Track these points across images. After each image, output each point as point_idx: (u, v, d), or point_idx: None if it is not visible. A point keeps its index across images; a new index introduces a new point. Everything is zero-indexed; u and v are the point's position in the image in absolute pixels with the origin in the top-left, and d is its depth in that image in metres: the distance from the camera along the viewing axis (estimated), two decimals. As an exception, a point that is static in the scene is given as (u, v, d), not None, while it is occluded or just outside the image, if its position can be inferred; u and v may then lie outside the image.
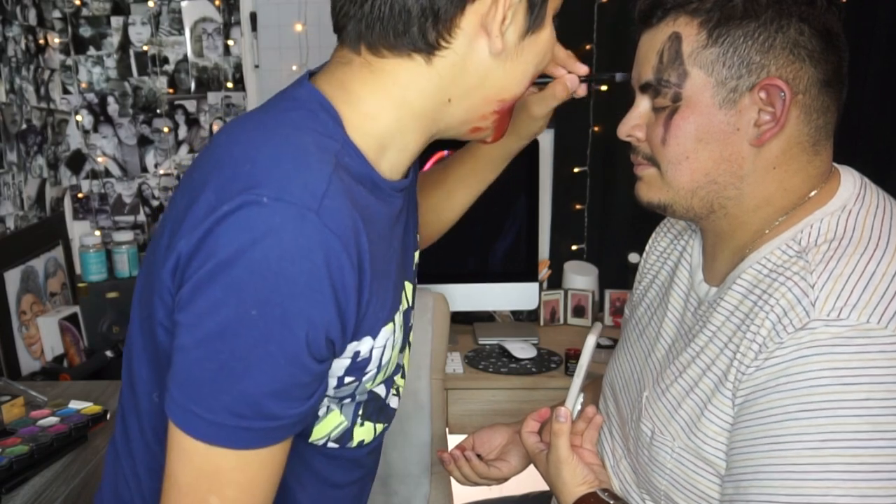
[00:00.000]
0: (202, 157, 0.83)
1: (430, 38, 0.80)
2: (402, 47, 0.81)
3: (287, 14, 2.28)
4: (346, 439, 0.93)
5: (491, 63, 0.83)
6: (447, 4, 0.79)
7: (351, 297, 0.76)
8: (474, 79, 0.84)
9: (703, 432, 0.89)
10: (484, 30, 0.81)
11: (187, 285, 0.73)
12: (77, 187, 2.34)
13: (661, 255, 1.15)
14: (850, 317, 0.78)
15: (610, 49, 2.26)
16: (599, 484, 1.04)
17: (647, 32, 0.93)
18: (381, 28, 0.80)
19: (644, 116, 0.95)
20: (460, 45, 0.81)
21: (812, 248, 0.86)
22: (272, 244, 0.70)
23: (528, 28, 0.84)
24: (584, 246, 2.45)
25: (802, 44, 0.85)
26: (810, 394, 0.79)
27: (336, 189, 0.75)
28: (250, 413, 0.74)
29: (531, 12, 0.83)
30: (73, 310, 2.08)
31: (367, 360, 0.85)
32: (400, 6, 0.78)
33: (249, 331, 0.72)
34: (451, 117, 0.87)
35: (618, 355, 1.16)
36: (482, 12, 0.80)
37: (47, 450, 1.33)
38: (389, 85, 0.83)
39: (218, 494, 0.77)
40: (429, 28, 0.79)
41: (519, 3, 0.81)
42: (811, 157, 0.90)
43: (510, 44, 0.83)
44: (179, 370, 0.75)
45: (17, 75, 2.03)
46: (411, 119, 0.84)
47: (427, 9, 0.78)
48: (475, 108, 0.87)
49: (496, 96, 0.87)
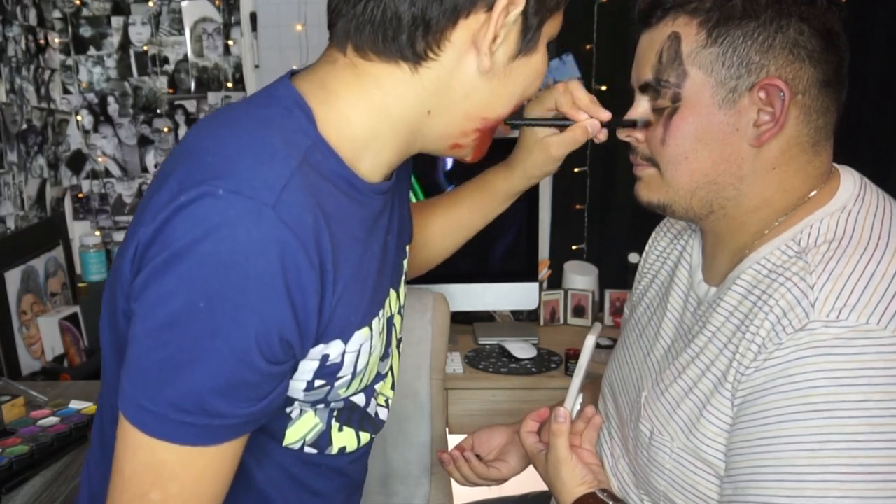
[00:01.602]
0: (176, 147, 0.83)
1: (419, 48, 0.79)
2: (389, 53, 0.80)
3: (287, 14, 2.28)
4: (324, 444, 0.92)
5: (477, 80, 0.82)
6: (440, 16, 0.78)
7: (310, 297, 0.75)
8: (458, 94, 0.83)
9: (702, 433, 0.89)
10: (474, 46, 0.80)
11: (142, 273, 0.72)
12: (77, 187, 2.34)
13: (661, 255, 1.15)
14: (850, 318, 0.78)
15: (610, 49, 2.26)
16: (598, 484, 1.03)
17: (646, 32, 0.93)
18: (370, 31, 0.79)
19: (642, 117, 0.94)
20: (448, 58, 0.80)
21: (812, 248, 0.86)
22: (225, 237, 0.69)
23: (520, 50, 0.83)
24: (584, 246, 2.45)
25: (802, 44, 0.85)
26: (809, 395, 0.78)
27: (297, 185, 0.74)
28: (193, 408, 0.72)
29: (524, 35, 0.82)
30: (74, 310, 2.08)
31: (338, 364, 0.84)
32: (392, 12, 0.77)
33: (197, 323, 0.70)
34: (430, 130, 0.85)
35: (617, 355, 1.16)
36: (474, 28, 0.79)
37: (47, 450, 1.33)
38: (371, 88, 0.82)
39: (160, 489, 0.75)
40: (418, 38, 0.79)
41: (513, 24, 0.80)
42: (811, 158, 0.90)
43: (499, 63, 0.82)
44: (130, 360, 0.74)
45: (18, 75, 2.03)
46: (388, 126, 0.83)
47: (419, 18, 0.77)
48: (455, 124, 0.86)
49: (479, 114, 0.85)
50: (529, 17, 0.81)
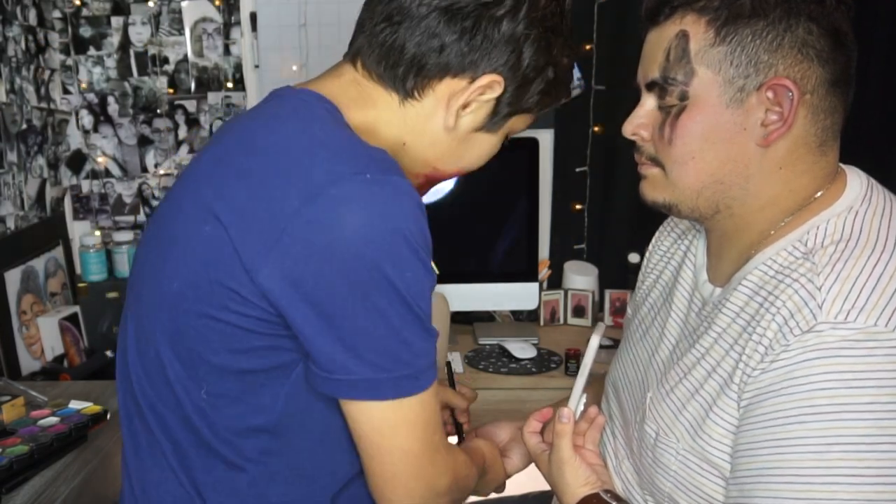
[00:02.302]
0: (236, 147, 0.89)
1: (408, 85, 0.91)
2: (386, 80, 0.92)
3: (287, 14, 2.27)
4: None
5: (441, 134, 0.94)
6: (433, 66, 0.90)
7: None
8: (426, 139, 0.94)
9: (707, 434, 0.89)
10: (447, 103, 0.92)
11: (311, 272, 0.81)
12: (77, 187, 2.34)
13: (665, 255, 1.15)
14: (858, 320, 0.78)
15: (610, 49, 2.26)
16: (602, 485, 1.03)
17: (653, 30, 0.93)
18: (378, 53, 0.91)
19: (650, 115, 0.94)
20: (428, 104, 0.92)
21: (819, 249, 0.85)
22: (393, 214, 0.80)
23: (482, 127, 0.95)
24: (584, 246, 2.44)
25: (811, 43, 0.85)
26: (816, 397, 0.78)
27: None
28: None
29: (492, 117, 0.94)
30: (74, 310, 2.08)
31: None
32: (400, 43, 0.89)
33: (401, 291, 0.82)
34: (398, 159, 0.92)
35: (620, 355, 1.16)
36: (454, 89, 0.91)
37: (47, 450, 1.32)
38: (369, 106, 0.93)
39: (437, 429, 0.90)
40: (410, 76, 0.90)
41: (485, 102, 0.92)
42: (818, 158, 0.89)
43: (461, 128, 0.94)
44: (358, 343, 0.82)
45: (18, 75, 2.02)
46: (375, 143, 0.89)
47: (417, 59, 0.89)
48: (417, 163, 0.96)
49: (433, 163, 0.97)
50: (502, 104, 0.93)
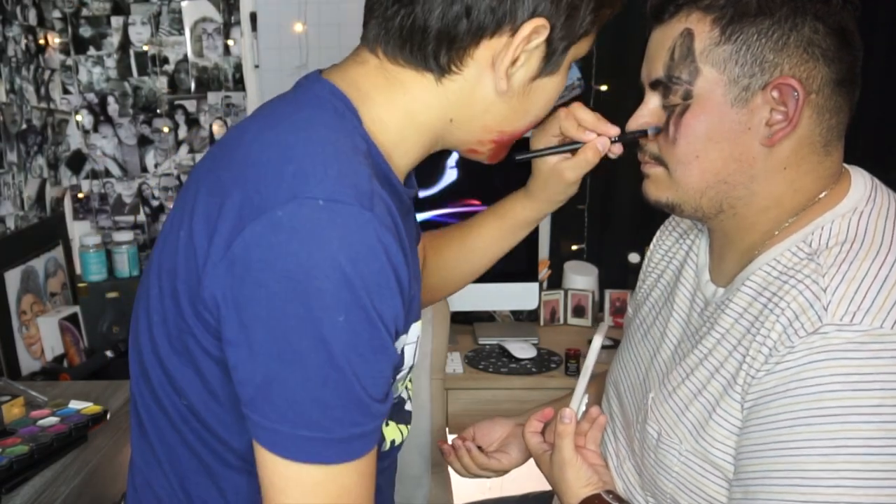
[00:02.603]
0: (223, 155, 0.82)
1: (442, 62, 0.81)
2: (416, 62, 0.82)
3: (287, 14, 2.27)
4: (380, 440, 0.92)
5: (495, 98, 0.84)
6: (464, 34, 0.79)
7: (405, 290, 0.76)
8: (478, 108, 0.85)
9: (711, 436, 0.89)
10: (492, 67, 0.82)
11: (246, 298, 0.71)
12: (77, 187, 2.33)
13: (667, 254, 1.14)
14: (864, 321, 0.77)
15: (610, 49, 2.25)
16: (604, 485, 1.03)
17: (658, 28, 0.92)
18: (399, 38, 0.81)
19: (653, 114, 0.93)
20: (470, 73, 0.82)
21: (823, 250, 0.85)
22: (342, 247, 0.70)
23: (541, 72, 0.84)
24: (584, 246, 2.44)
25: (817, 42, 0.84)
26: (821, 399, 0.78)
27: (377, 188, 0.76)
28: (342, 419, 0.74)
29: (548, 59, 0.84)
30: (73, 310, 2.07)
31: (401, 357, 0.84)
32: (421, 23, 0.79)
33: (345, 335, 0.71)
34: (451, 135, 0.88)
35: (621, 355, 1.16)
36: (496, 49, 0.81)
37: (47, 450, 1.32)
38: (399, 93, 0.83)
39: None
40: (442, 52, 0.80)
41: (535, 49, 0.81)
42: (822, 158, 0.89)
43: (515, 85, 0.84)
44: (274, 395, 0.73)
45: (17, 75, 2.02)
46: (414, 130, 0.85)
47: (444, 33, 0.79)
48: (474, 134, 0.88)
49: (496, 127, 0.88)
50: (555, 41, 0.82)
